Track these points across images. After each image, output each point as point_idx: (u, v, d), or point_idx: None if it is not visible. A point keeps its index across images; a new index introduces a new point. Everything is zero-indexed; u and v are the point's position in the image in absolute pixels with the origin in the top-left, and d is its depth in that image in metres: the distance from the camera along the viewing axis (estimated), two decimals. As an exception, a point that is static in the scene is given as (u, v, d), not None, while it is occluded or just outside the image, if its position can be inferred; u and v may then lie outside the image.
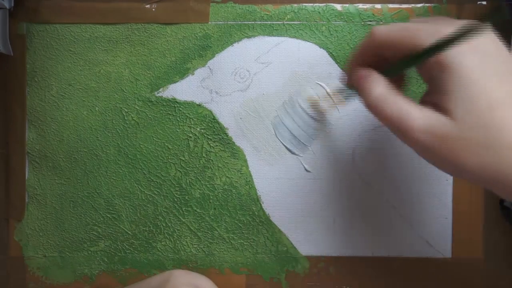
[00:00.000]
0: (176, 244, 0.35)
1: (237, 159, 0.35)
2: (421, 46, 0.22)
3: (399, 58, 0.24)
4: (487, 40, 0.22)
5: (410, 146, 0.24)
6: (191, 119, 0.35)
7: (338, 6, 0.34)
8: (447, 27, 0.22)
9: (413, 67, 0.24)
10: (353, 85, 0.26)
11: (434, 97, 0.23)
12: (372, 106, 0.24)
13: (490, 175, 0.22)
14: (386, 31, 0.24)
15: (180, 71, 0.35)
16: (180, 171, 0.35)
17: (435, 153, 0.23)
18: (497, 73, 0.22)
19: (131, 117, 0.35)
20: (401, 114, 0.23)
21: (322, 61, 0.34)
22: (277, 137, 0.33)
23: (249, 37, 0.35)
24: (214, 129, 0.35)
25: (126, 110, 0.35)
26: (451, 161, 0.22)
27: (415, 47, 0.23)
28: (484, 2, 0.34)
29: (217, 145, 0.35)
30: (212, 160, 0.35)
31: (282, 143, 0.33)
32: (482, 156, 0.22)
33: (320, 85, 0.33)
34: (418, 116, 0.23)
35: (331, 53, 0.34)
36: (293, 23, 0.35)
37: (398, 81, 0.26)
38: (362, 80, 0.25)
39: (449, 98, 0.22)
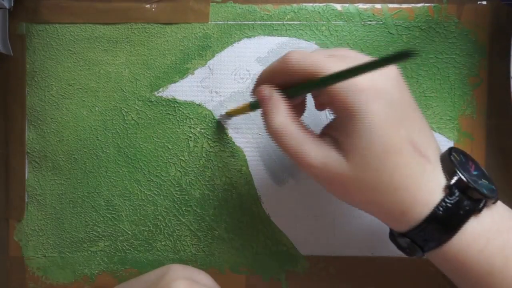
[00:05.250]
0: (176, 244, 0.35)
1: (237, 159, 0.35)
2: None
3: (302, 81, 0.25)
4: (392, 84, 0.23)
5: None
6: (191, 119, 0.35)
7: (338, 6, 0.34)
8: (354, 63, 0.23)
9: (312, 90, 0.26)
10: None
11: (336, 133, 0.25)
12: (272, 135, 0.25)
13: (374, 209, 0.26)
14: (300, 59, 0.24)
15: (180, 71, 0.35)
16: (180, 171, 0.35)
17: (328, 187, 0.26)
18: (396, 119, 0.23)
19: (131, 117, 0.35)
20: (299, 150, 0.24)
21: (322, 61, 0.34)
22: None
23: (249, 37, 0.35)
24: (214, 129, 0.35)
25: (126, 110, 0.35)
26: (341, 195, 0.26)
27: (318, 75, 0.23)
28: (484, 2, 0.34)
29: (217, 145, 0.35)
30: (212, 160, 0.35)
31: None
32: (370, 195, 0.24)
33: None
34: (314, 154, 0.24)
35: (331, 53, 0.34)
36: (293, 23, 0.35)
37: (298, 106, 0.28)
38: (265, 102, 0.26)
39: (348, 139, 0.24)
